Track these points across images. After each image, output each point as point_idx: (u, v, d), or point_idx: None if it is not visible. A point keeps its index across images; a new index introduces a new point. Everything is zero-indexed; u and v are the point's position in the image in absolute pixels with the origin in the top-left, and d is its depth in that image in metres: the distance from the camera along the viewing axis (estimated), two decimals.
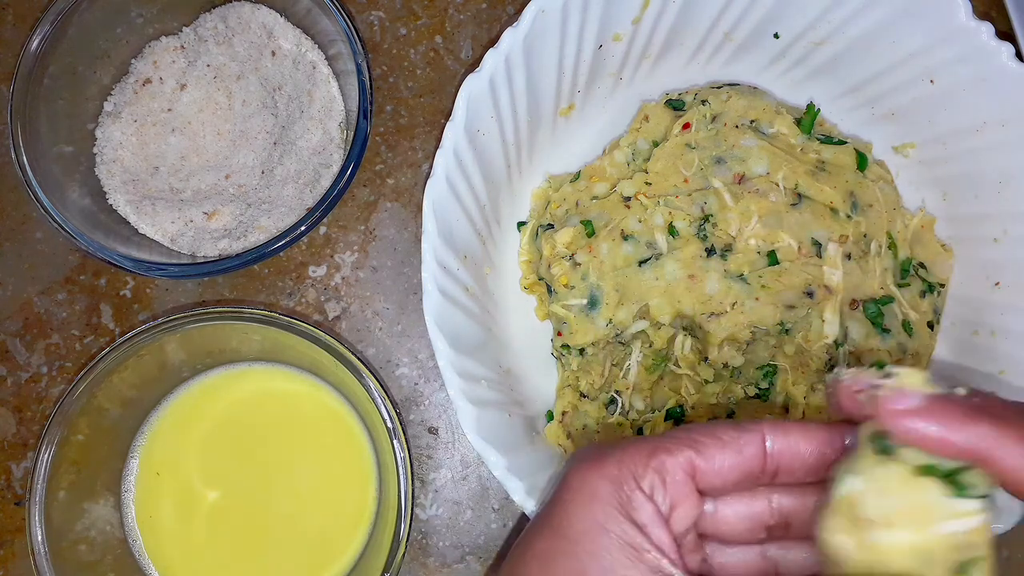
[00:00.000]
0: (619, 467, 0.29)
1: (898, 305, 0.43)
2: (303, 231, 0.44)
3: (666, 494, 0.28)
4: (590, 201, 0.45)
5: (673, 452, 0.29)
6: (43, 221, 0.49)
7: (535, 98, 0.44)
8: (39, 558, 0.40)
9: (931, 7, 0.41)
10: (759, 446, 0.29)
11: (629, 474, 0.29)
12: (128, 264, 0.44)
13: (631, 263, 0.43)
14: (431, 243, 0.39)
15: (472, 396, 0.39)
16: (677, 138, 0.45)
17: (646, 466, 0.29)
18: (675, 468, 0.28)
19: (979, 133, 0.43)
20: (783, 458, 0.29)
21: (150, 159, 0.48)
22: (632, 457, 0.29)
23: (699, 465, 0.29)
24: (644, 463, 0.29)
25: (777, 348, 0.43)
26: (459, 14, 0.52)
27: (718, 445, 0.29)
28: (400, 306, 0.49)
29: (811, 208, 0.43)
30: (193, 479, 0.46)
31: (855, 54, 0.45)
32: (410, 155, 0.50)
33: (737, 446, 0.29)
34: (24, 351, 0.49)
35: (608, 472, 0.29)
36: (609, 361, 0.44)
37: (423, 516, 0.48)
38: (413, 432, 0.48)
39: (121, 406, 0.44)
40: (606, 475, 0.29)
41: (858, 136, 0.48)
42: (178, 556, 0.45)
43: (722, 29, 0.46)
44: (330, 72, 0.50)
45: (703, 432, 0.29)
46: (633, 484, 0.28)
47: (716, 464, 0.29)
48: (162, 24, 0.49)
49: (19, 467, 0.48)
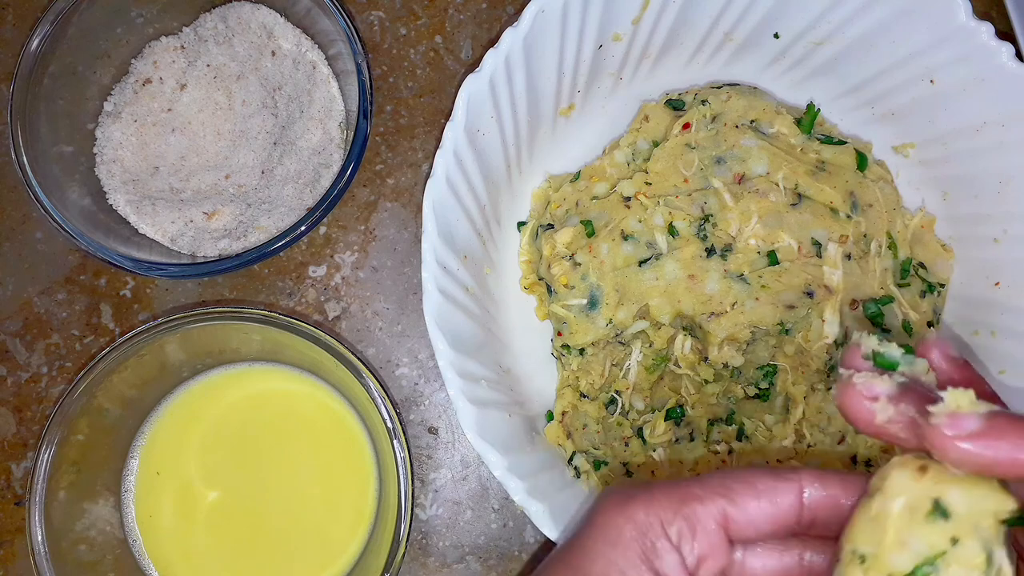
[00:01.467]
0: (647, 511, 0.28)
1: (898, 305, 0.43)
2: (303, 231, 0.44)
3: (694, 544, 0.27)
4: (590, 201, 0.45)
5: (705, 501, 0.27)
6: (43, 221, 0.49)
7: (535, 98, 0.44)
8: (39, 558, 0.40)
9: (931, 7, 0.41)
10: (796, 496, 0.27)
11: (656, 520, 0.27)
12: (128, 264, 0.44)
13: (631, 263, 0.43)
14: (431, 243, 0.39)
15: (472, 396, 0.39)
16: (677, 138, 0.45)
17: (676, 512, 0.27)
18: (707, 518, 0.27)
19: (979, 133, 0.42)
20: (820, 510, 0.27)
21: (150, 159, 0.48)
22: (661, 502, 0.28)
23: (731, 514, 0.27)
24: (674, 509, 0.27)
25: (777, 348, 0.43)
26: (459, 14, 0.52)
27: (752, 494, 0.27)
28: (400, 306, 0.49)
29: (811, 208, 0.43)
30: (193, 479, 0.46)
31: (855, 54, 0.45)
32: (410, 155, 0.50)
33: (772, 496, 0.27)
34: (24, 351, 0.49)
35: (635, 516, 0.28)
36: (609, 361, 0.44)
37: (423, 516, 0.48)
38: (413, 432, 0.48)
39: (121, 406, 0.44)
40: (632, 518, 0.28)
41: (858, 136, 0.48)
42: (178, 556, 0.45)
43: (722, 29, 0.46)
44: (330, 72, 0.50)
45: (737, 479, 0.28)
46: (660, 531, 0.27)
47: (750, 514, 0.27)
48: (162, 24, 0.49)
49: (19, 467, 0.48)
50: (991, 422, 0.23)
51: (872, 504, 0.25)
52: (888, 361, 0.28)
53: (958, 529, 0.24)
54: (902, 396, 0.25)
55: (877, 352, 0.28)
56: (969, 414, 0.23)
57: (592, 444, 0.44)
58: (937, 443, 0.23)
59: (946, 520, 0.24)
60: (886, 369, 0.27)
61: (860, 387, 0.26)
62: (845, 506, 0.27)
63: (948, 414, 0.23)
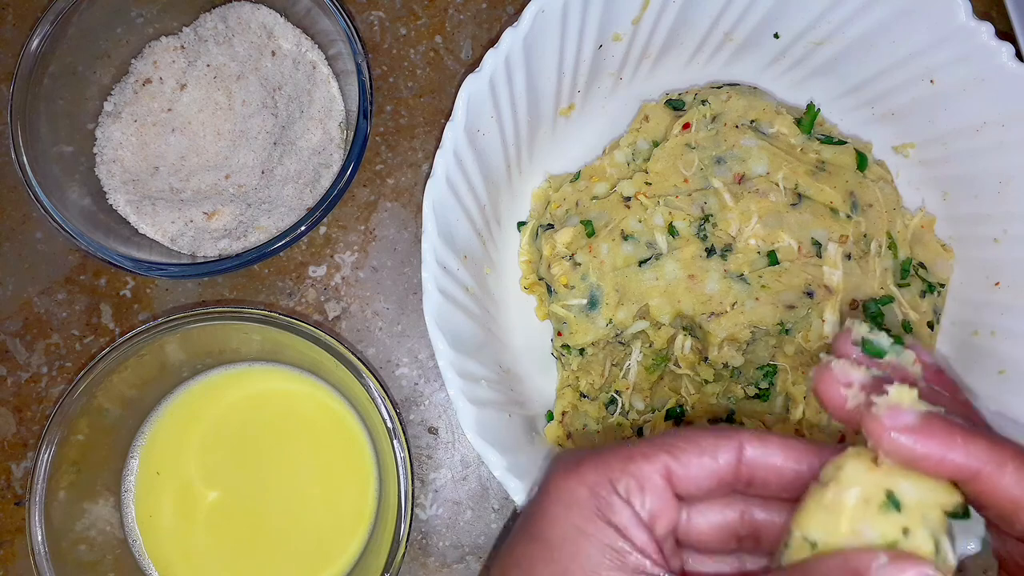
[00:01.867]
0: (596, 472, 0.29)
1: (898, 305, 0.43)
2: (303, 231, 0.44)
3: (645, 499, 0.28)
4: (590, 201, 0.45)
5: (650, 457, 0.29)
6: (43, 221, 0.49)
7: (535, 98, 0.44)
8: (39, 558, 0.40)
9: (931, 7, 0.41)
10: (736, 453, 0.28)
11: (606, 479, 0.28)
12: (128, 264, 0.44)
13: (631, 263, 0.43)
14: (431, 243, 0.39)
15: (472, 396, 0.39)
16: (677, 138, 0.45)
17: (623, 470, 0.28)
18: (653, 474, 0.28)
19: (979, 133, 0.42)
20: (759, 470, 0.28)
21: (150, 159, 0.48)
22: (609, 462, 0.29)
23: (675, 470, 0.28)
24: (621, 468, 0.29)
25: (777, 348, 0.43)
26: (459, 14, 0.52)
27: (695, 451, 0.28)
28: (400, 306, 0.49)
29: (811, 208, 0.43)
30: (193, 479, 0.46)
31: (855, 54, 0.45)
32: (410, 155, 0.50)
33: (714, 453, 0.28)
34: (24, 351, 0.49)
35: (585, 478, 0.29)
36: (609, 361, 0.44)
37: (423, 516, 0.48)
38: (413, 432, 0.48)
39: (121, 406, 0.44)
40: (584, 480, 0.29)
41: (858, 136, 0.48)
42: (178, 556, 0.45)
43: (722, 29, 0.46)
44: (330, 72, 0.50)
45: (681, 437, 0.29)
46: (610, 488, 0.28)
47: (692, 470, 0.28)
48: (162, 24, 0.49)
49: (19, 467, 0.48)
50: (926, 420, 0.25)
51: (826, 493, 0.26)
52: (876, 349, 0.29)
53: (909, 520, 0.25)
54: (875, 387, 0.26)
55: (867, 339, 0.29)
56: (908, 410, 0.25)
57: (592, 444, 0.44)
58: (874, 431, 0.25)
59: (898, 511, 0.25)
60: (874, 356, 0.28)
61: (836, 372, 0.27)
62: (783, 467, 0.28)
63: (889, 406, 0.25)
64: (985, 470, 0.25)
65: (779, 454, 0.28)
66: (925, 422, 0.25)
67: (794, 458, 0.28)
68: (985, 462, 0.25)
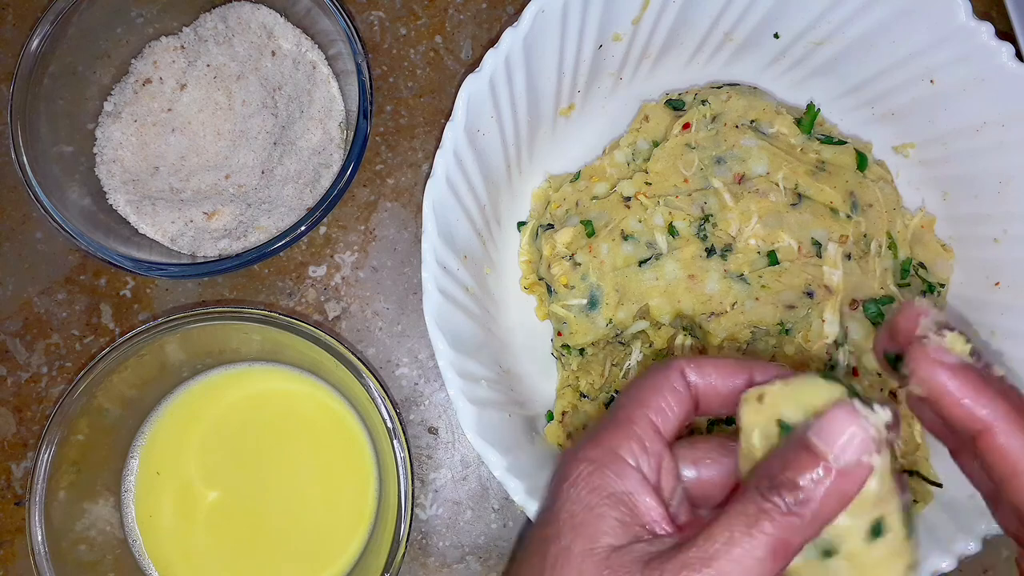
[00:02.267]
0: (597, 447, 0.30)
1: (898, 305, 0.43)
2: (303, 231, 0.44)
3: (648, 458, 0.29)
4: (590, 201, 0.45)
5: (635, 419, 0.30)
6: (43, 221, 0.49)
7: (535, 98, 0.44)
8: (39, 558, 0.40)
9: (931, 7, 0.41)
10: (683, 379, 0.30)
11: (608, 449, 0.30)
12: (128, 264, 0.44)
13: (631, 263, 0.43)
14: (431, 243, 0.39)
15: (472, 396, 0.39)
16: (677, 138, 0.45)
17: (626, 437, 0.30)
18: (643, 432, 0.30)
19: (979, 133, 0.42)
20: (703, 396, 0.30)
21: (150, 159, 0.48)
22: (608, 435, 0.30)
23: (654, 420, 0.30)
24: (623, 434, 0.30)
25: (777, 348, 0.43)
26: (459, 14, 0.52)
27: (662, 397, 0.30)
28: (400, 306, 0.49)
29: (811, 208, 0.43)
30: (193, 479, 0.46)
31: (855, 54, 0.45)
32: (410, 155, 0.50)
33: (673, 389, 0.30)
34: (24, 351, 0.49)
35: (588, 454, 0.30)
36: (609, 361, 0.44)
37: (423, 516, 0.48)
38: (413, 432, 0.48)
39: (121, 406, 0.44)
40: (586, 457, 0.30)
41: (858, 136, 0.48)
42: (178, 556, 0.45)
43: (722, 29, 0.46)
44: (330, 72, 0.50)
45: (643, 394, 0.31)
46: (613, 456, 0.29)
47: (671, 414, 0.30)
48: (162, 24, 0.49)
49: (19, 467, 0.48)
50: (965, 366, 0.27)
51: (741, 443, 0.28)
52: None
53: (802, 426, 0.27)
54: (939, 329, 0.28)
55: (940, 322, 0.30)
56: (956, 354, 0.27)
57: None
58: (917, 356, 0.27)
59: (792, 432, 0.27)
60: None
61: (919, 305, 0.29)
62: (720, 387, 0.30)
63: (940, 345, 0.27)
64: (997, 426, 0.26)
65: (713, 372, 0.30)
66: (963, 367, 0.27)
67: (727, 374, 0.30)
68: (1000, 419, 0.26)
